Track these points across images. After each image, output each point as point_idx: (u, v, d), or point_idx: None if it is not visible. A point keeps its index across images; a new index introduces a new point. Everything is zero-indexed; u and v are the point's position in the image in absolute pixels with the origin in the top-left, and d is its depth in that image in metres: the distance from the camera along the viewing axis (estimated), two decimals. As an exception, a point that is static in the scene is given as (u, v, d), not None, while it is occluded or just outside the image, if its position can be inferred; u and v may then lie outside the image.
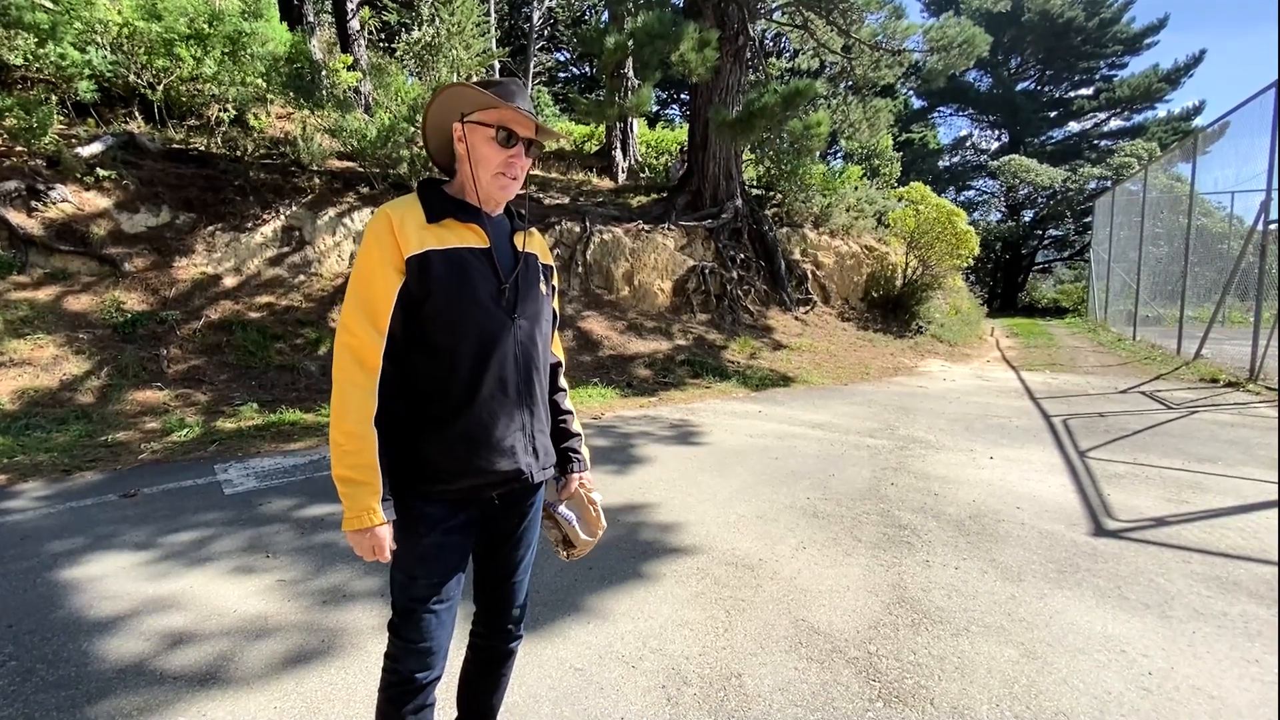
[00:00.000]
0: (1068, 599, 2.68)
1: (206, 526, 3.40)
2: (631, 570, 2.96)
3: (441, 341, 1.34)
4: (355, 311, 1.31)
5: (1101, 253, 16.88)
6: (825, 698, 2.07)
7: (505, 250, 1.45)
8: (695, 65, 8.49)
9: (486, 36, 14.20)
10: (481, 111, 1.36)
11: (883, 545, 3.22)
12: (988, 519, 3.56)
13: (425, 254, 1.32)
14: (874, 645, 2.36)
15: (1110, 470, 4.43)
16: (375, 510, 1.28)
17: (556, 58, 27.80)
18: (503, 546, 1.51)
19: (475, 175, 1.40)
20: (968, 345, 12.71)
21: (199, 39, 7.92)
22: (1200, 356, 9.36)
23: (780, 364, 9.26)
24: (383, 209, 1.35)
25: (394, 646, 1.41)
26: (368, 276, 1.32)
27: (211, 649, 2.32)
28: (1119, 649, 2.33)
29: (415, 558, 1.37)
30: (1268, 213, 7.85)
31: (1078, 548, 3.19)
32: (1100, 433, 5.52)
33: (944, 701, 2.05)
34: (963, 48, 10.96)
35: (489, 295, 1.38)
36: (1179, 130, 26.38)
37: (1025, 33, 29.63)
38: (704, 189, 11.75)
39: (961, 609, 2.61)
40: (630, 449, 4.98)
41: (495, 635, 1.58)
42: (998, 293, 31.57)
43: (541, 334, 1.51)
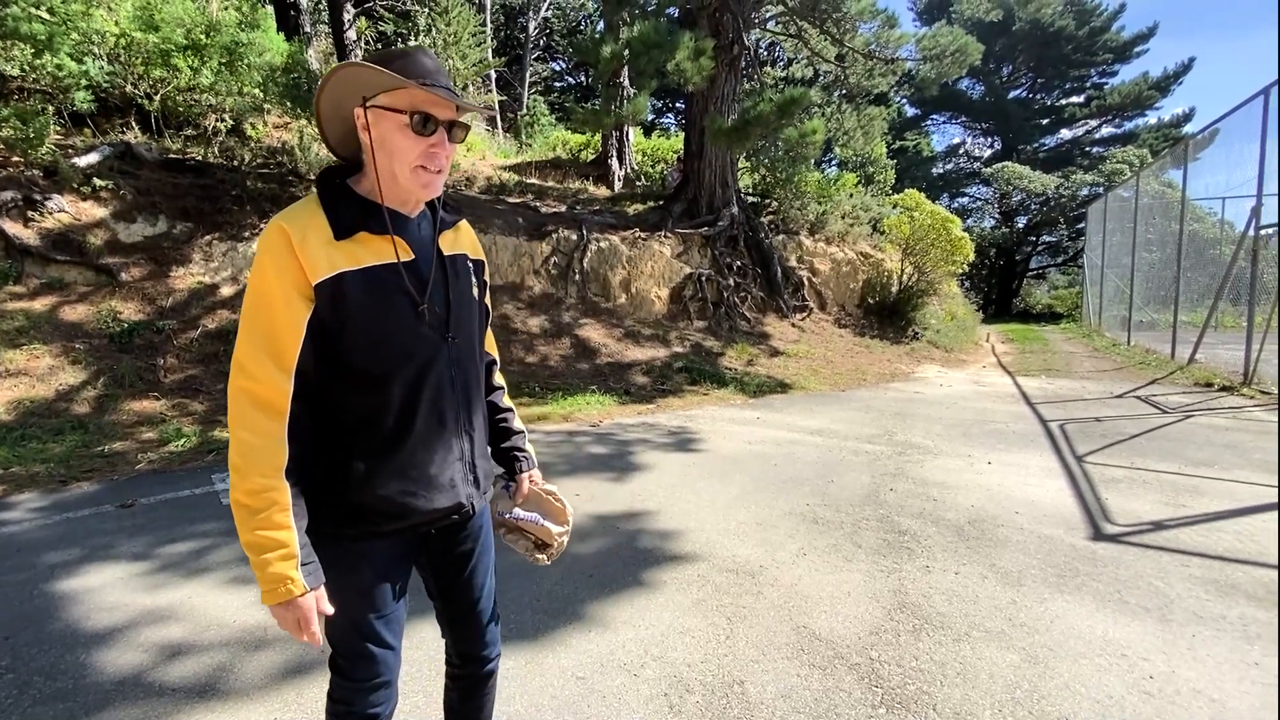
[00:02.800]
0: (1068, 603, 2.69)
1: (204, 536, 3.38)
2: (632, 578, 2.95)
3: (365, 374, 1.16)
4: (253, 349, 1.10)
5: (1095, 258, 16.99)
6: (828, 704, 2.07)
7: (429, 257, 1.26)
8: (691, 74, 8.56)
9: (482, 46, 14.29)
10: (388, 94, 1.13)
11: (883, 551, 3.23)
12: (987, 524, 3.57)
13: (338, 277, 1.11)
14: (876, 651, 2.36)
15: (1108, 475, 4.45)
16: (294, 579, 1.09)
17: (553, 67, 27.99)
18: (456, 578, 1.40)
19: (389, 171, 1.17)
20: (963, 351, 12.75)
21: (196, 49, 7.95)
22: (1194, 361, 9.41)
23: (778, 370, 9.27)
24: (276, 222, 1.12)
25: (343, 689, 1.28)
26: (266, 306, 1.10)
27: (210, 660, 2.30)
28: (1120, 653, 2.33)
29: (356, 594, 1.24)
30: (1258, 218, 7.92)
31: (1077, 552, 3.19)
32: (1097, 437, 5.54)
33: (946, 707, 2.05)
34: (955, 56, 11.07)
35: (416, 316, 1.20)
36: (1169, 137, 26.62)
37: (1017, 41, 29.92)
38: (700, 196, 11.81)
39: (962, 614, 2.61)
40: (629, 456, 4.98)
41: (470, 663, 1.48)
42: (992, 299, 31.73)
43: (476, 347, 1.36)
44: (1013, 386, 8.70)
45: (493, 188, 12.31)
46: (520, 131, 17.88)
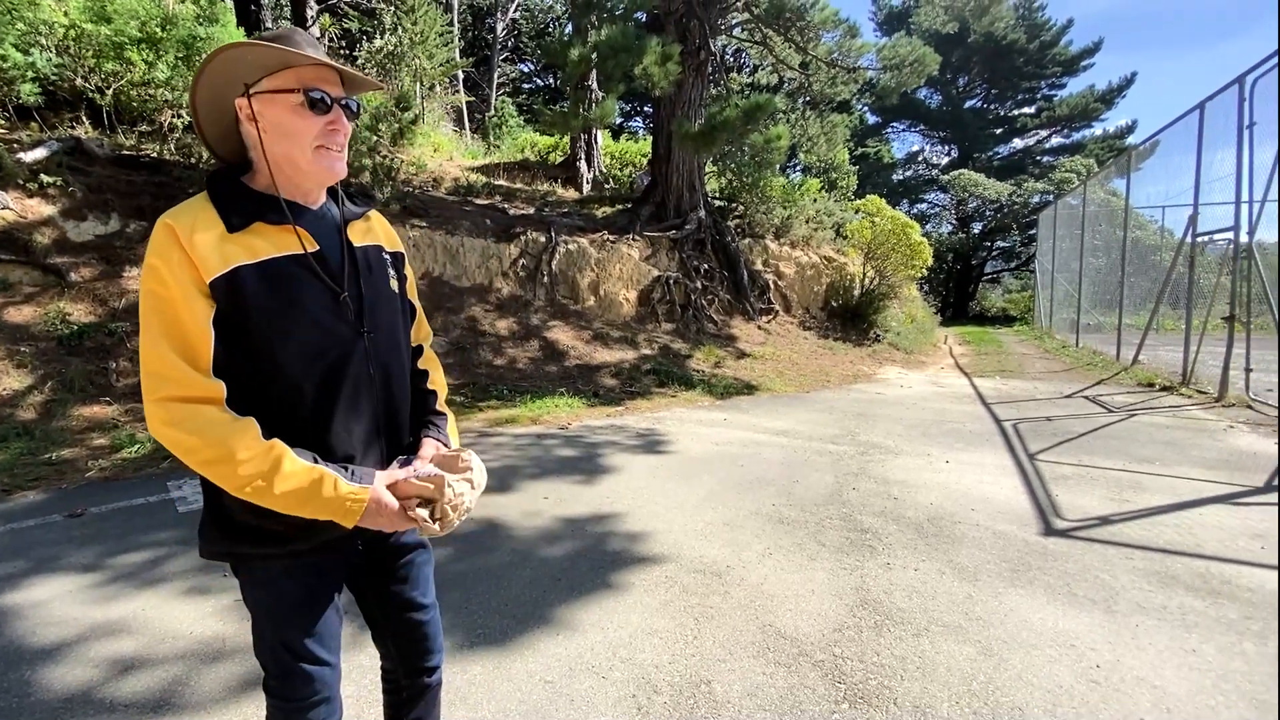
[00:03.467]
0: (1021, 597, 2.79)
1: (159, 546, 3.28)
2: (600, 580, 2.96)
3: (274, 376, 1.08)
4: (164, 355, 1.00)
5: (1046, 263, 17.62)
6: (792, 701, 2.11)
7: (337, 248, 1.18)
8: (658, 79, 8.62)
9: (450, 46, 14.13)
10: (272, 76, 1.07)
11: (846, 549, 3.30)
12: (945, 521, 3.68)
13: (233, 272, 1.04)
14: (839, 648, 2.42)
15: (1058, 472, 4.63)
16: (353, 493, 1.06)
17: (521, 68, 27.81)
18: (389, 585, 1.33)
19: (285, 157, 1.10)
20: (923, 353, 13.10)
21: (151, 43, 7.68)
22: (1138, 362, 9.85)
23: (744, 372, 9.39)
24: (162, 220, 1.04)
25: (280, 711, 1.22)
26: (168, 308, 1.01)
27: (165, 674, 2.23)
28: (1069, 644, 2.43)
29: (287, 617, 1.18)
30: (1195, 226, 8.33)
31: (1029, 547, 3.32)
32: (1048, 436, 5.76)
33: (906, 701, 2.11)
34: (914, 66, 11.38)
35: (326, 310, 1.13)
36: (1114, 147, 27.76)
37: (972, 53, 30.92)
38: (668, 200, 11.88)
39: (921, 609, 2.69)
40: (598, 458, 4.99)
41: (410, 675, 1.40)
42: (950, 302, 32.63)
43: (400, 342, 1.28)
44: (969, 387, 8.97)
45: (460, 189, 12.18)
46: (488, 133, 17.73)
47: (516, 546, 3.33)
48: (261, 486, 1.02)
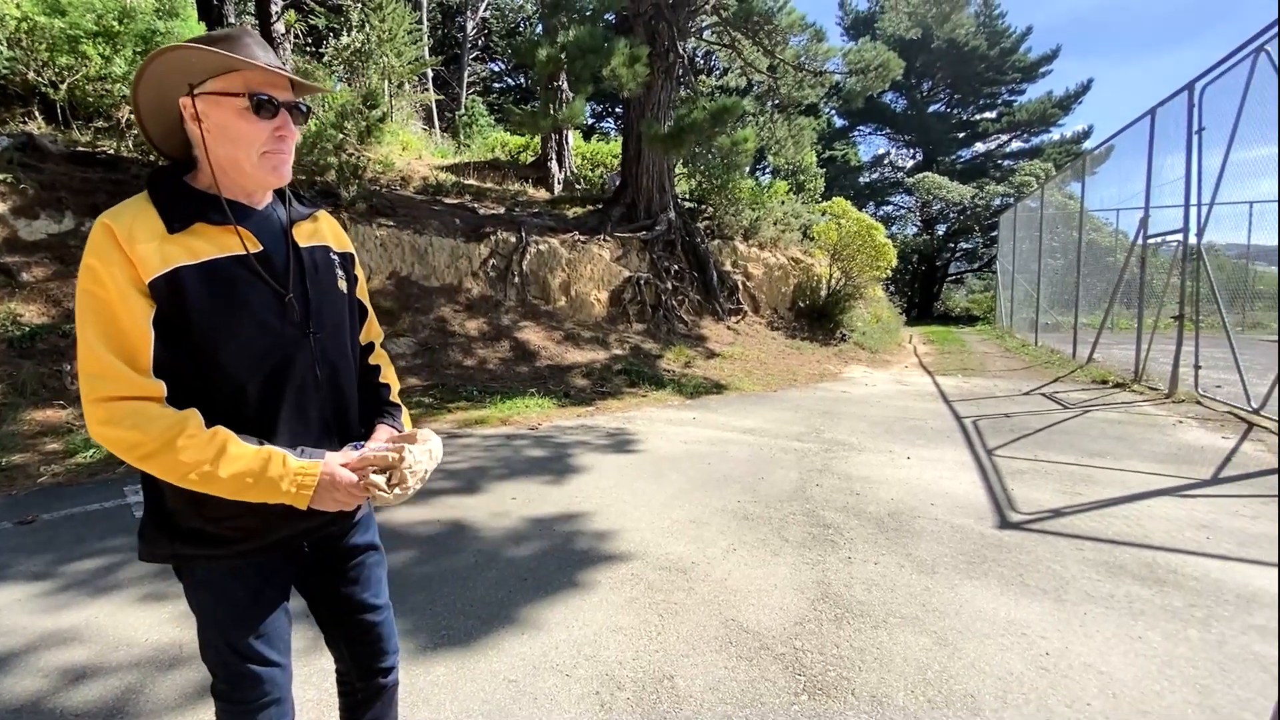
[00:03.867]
0: (976, 588, 2.88)
1: (114, 552, 3.19)
2: (567, 579, 2.97)
3: (217, 378, 1.07)
4: (102, 356, 0.99)
5: (1006, 264, 18.11)
6: (754, 694, 2.15)
7: (281, 249, 1.17)
8: (626, 80, 8.65)
9: (419, 44, 13.96)
10: (218, 79, 1.05)
11: (808, 544, 3.37)
12: (905, 516, 3.77)
13: (174, 273, 1.03)
14: (800, 641, 2.46)
15: (1014, 467, 4.77)
16: (301, 469, 1.06)
17: (492, 68, 27.58)
18: (340, 588, 1.32)
19: (229, 160, 1.09)
20: (888, 352, 13.36)
21: (107, 36, 7.46)
22: (1092, 360, 10.19)
23: (714, 372, 9.47)
24: (101, 220, 1.03)
25: (229, 714, 1.21)
26: (106, 309, 1.00)
27: (119, 682, 2.19)
28: (1020, 632, 2.51)
29: (232, 619, 1.17)
30: (1146, 228, 8.65)
31: (985, 540, 3.42)
32: (1006, 432, 5.93)
33: (864, 691, 2.17)
34: (878, 71, 11.61)
35: (270, 311, 1.12)
36: (1071, 152, 28.66)
37: (935, 58, 31.65)
38: (638, 201, 11.92)
39: (880, 602, 2.76)
40: (567, 459, 4.99)
41: (365, 677, 1.39)
42: (915, 302, 33.31)
43: (347, 343, 1.28)
44: (932, 385, 9.19)
45: (429, 188, 12.05)
46: (458, 132, 17.56)
47: (483, 547, 3.32)
48: (207, 472, 1.01)
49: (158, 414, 1.01)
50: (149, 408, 1.01)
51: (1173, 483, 4.38)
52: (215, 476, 1.01)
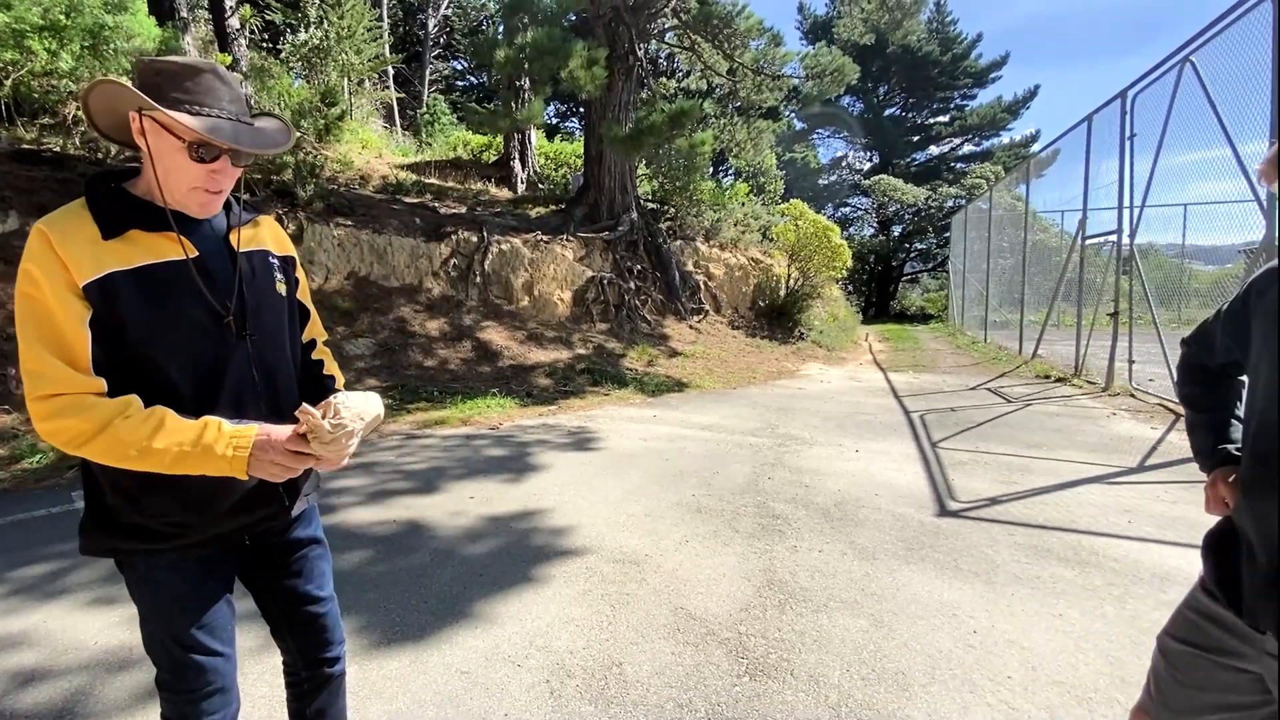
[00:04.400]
0: (913, 573, 3.03)
1: (62, 558, 3.14)
2: (521, 574, 3.03)
3: (153, 380, 1.10)
4: (42, 356, 1.02)
5: (958, 264, 18.71)
6: (698, 677, 2.24)
7: (219, 253, 1.20)
8: (584, 82, 8.71)
9: (379, 41, 13.75)
10: (170, 113, 1.07)
11: (757, 535, 3.49)
12: (850, 506, 3.93)
13: (107, 278, 1.06)
14: (744, 626, 2.57)
15: (956, 458, 5.00)
16: (236, 435, 1.09)
17: (454, 66, 27.26)
18: (283, 580, 1.35)
19: (166, 181, 1.12)
20: (844, 350, 13.71)
21: (54, 31, 7.19)
22: (1037, 356, 10.63)
23: (676, 370, 9.60)
24: (37, 226, 1.06)
25: (174, 704, 1.23)
26: (43, 311, 1.03)
27: (68, 685, 2.18)
28: (951, 613, 2.66)
29: (174, 610, 1.20)
30: (1084, 229, 9.08)
31: (924, 527, 3.59)
32: (950, 425, 6.18)
33: (803, 671, 2.28)
34: (834, 75, 11.91)
35: (206, 315, 1.15)
36: (1019, 155, 29.65)
37: (890, 63, 32.44)
38: (601, 202, 11.99)
39: (822, 588, 2.89)
40: (527, 457, 5.04)
41: (310, 667, 1.42)
42: (873, 301, 34.12)
43: (286, 344, 1.31)
44: (884, 382, 9.48)
45: (389, 187, 11.91)
46: (420, 130, 17.35)
47: (439, 546, 3.36)
48: (145, 446, 1.04)
49: (98, 402, 1.04)
50: (86, 400, 1.04)
51: (1102, 471, 4.65)
52: (152, 449, 1.04)
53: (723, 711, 2.06)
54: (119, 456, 1.05)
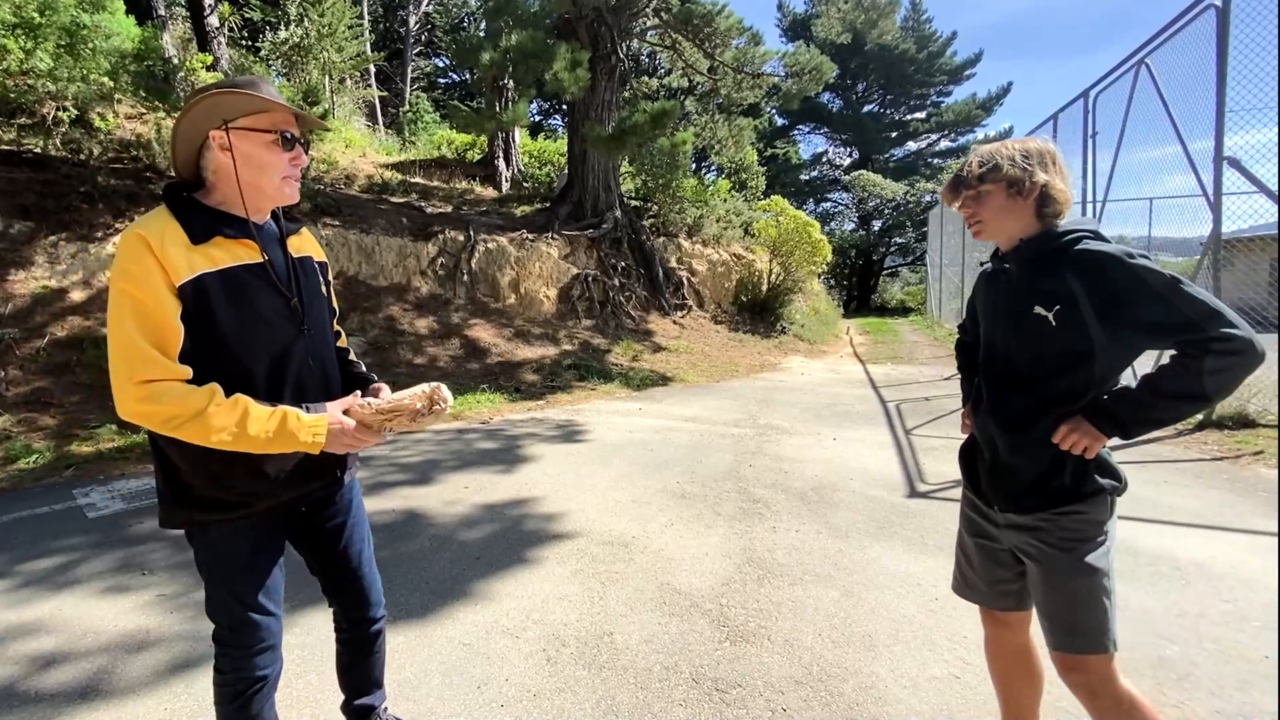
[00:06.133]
0: (883, 549, 3.26)
1: (71, 551, 3.27)
2: (516, 557, 3.22)
3: (232, 367, 1.27)
4: (139, 345, 1.17)
5: (936, 258, 19.09)
6: (683, 644, 2.44)
7: (280, 259, 1.39)
8: (568, 84, 8.85)
9: (360, 39, 13.75)
10: (251, 116, 1.28)
11: (738, 517, 3.71)
12: (826, 490, 4.16)
13: (199, 278, 1.22)
14: (725, 598, 2.78)
15: (928, 444, 5.25)
16: (315, 423, 1.27)
17: (436, 63, 27.16)
18: (333, 549, 1.56)
19: (252, 183, 1.31)
20: (825, 343, 14.01)
21: (29, 29, 7.19)
22: (1010, 347, 10.95)
23: (660, 365, 9.80)
24: (132, 231, 1.21)
25: (230, 658, 1.39)
26: (142, 308, 1.18)
27: (89, 665, 2.32)
28: (916, 583, 2.89)
29: (235, 570, 1.37)
30: (1052, 225, 9.38)
31: (894, 508, 3.83)
32: (924, 414, 6.46)
33: (779, 636, 2.49)
34: (812, 74, 12.15)
35: (275, 311, 1.33)
36: (995, 151, 30.13)
37: (868, 61, 32.87)
38: (585, 200, 12.14)
39: (798, 563, 3.10)
40: (517, 449, 5.22)
41: (357, 626, 1.65)
42: (854, 295, 34.60)
43: (330, 337, 1.53)
44: (863, 373, 9.76)
45: (374, 186, 11.97)
46: (403, 129, 17.34)
47: (437, 532, 3.54)
48: (236, 432, 1.21)
49: (186, 390, 1.21)
50: (179, 386, 1.20)
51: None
52: (244, 434, 1.22)
53: (706, 673, 2.25)
54: (207, 439, 1.21)
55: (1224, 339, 1.24)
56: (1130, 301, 1.29)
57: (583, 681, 2.20)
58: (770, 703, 2.07)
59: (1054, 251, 1.39)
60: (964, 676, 2.20)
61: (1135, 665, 2.21)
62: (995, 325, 1.53)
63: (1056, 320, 1.36)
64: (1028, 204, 1.41)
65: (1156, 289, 1.27)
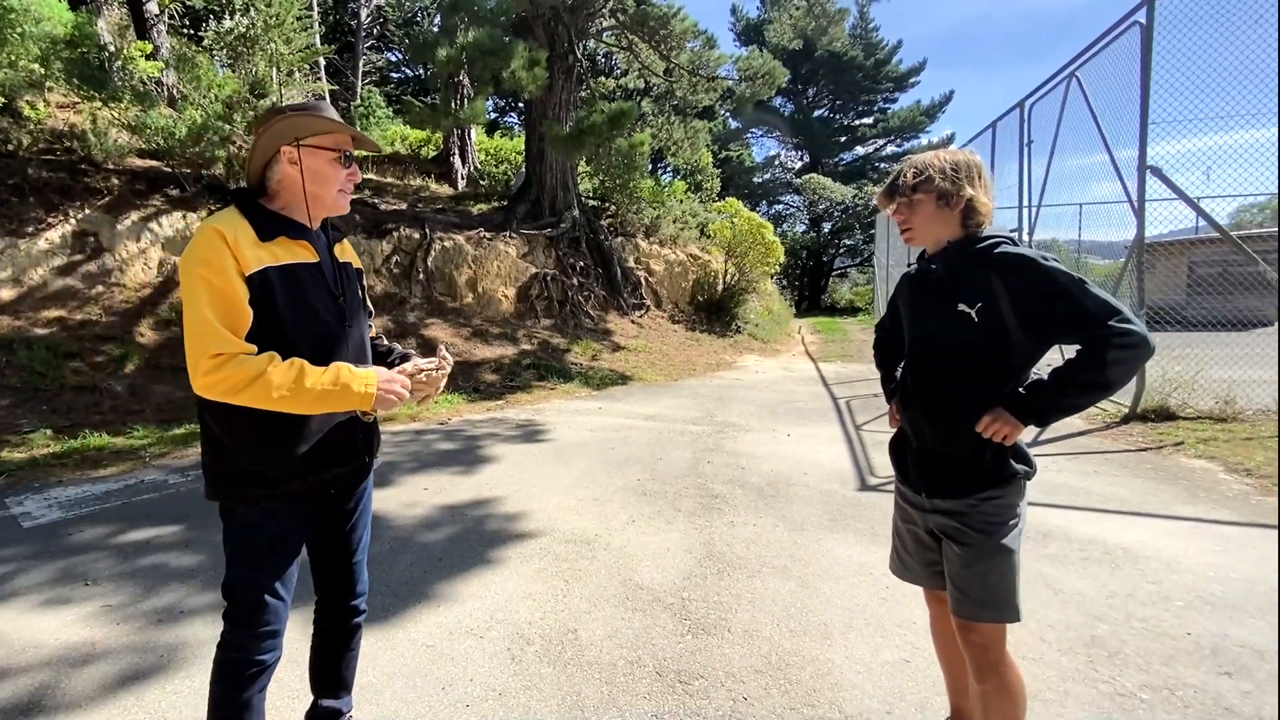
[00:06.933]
0: (836, 540, 3.38)
1: (5, 563, 3.11)
2: (479, 557, 3.22)
3: (285, 352, 1.39)
4: (213, 324, 1.30)
5: (883, 259, 19.68)
6: (646, 638, 2.49)
7: (329, 262, 1.55)
8: (526, 83, 8.81)
9: (310, 31, 13.33)
10: (319, 136, 1.47)
11: (698, 513, 3.79)
12: (782, 484, 4.29)
13: (264, 271, 1.37)
14: (686, 592, 2.85)
15: (877, 439, 5.45)
16: (366, 379, 1.40)
17: (389, 57, 26.49)
18: (341, 529, 1.67)
19: (315, 194, 1.49)
20: (778, 342, 14.31)
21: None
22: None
23: (619, 364, 9.85)
24: (210, 225, 1.36)
25: (235, 636, 1.49)
26: (218, 293, 1.32)
27: (30, 680, 2.22)
28: (868, 572, 3.01)
29: (260, 551, 1.48)
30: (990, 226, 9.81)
31: (846, 501, 3.97)
32: (873, 409, 6.68)
33: (739, 627, 2.57)
34: (765, 78, 12.38)
35: (325, 307, 1.49)
36: (938, 157, 31.23)
37: (819, 67, 33.65)
38: (543, 199, 12.08)
39: (756, 556, 3.20)
40: (477, 450, 5.18)
41: (342, 614, 1.74)
42: (805, 295, 35.37)
43: (367, 334, 1.68)
44: (815, 371, 10.03)
45: (321, 183, 11.62)
46: (355, 124, 16.89)
47: (396, 535, 3.50)
48: (294, 387, 1.34)
49: (249, 358, 1.33)
50: (242, 356, 1.33)
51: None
52: (302, 388, 1.34)
53: (669, 665, 2.31)
54: (267, 399, 1.32)
55: (1123, 333, 1.37)
56: (1044, 298, 1.43)
57: (548, 678, 2.22)
58: (731, 692, 2.14)
59: (976, 254, 1.51)
60: (914, 660, 2.31)
61: (1069, 644, 2.36)
62: (922, 322, 1.65)
63: (979, 316, 1.49)
64: (954, 214, 1.54)
65: (1066, 287, 1.41)
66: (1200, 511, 3.67)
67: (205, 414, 1.43)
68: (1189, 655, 2.28)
